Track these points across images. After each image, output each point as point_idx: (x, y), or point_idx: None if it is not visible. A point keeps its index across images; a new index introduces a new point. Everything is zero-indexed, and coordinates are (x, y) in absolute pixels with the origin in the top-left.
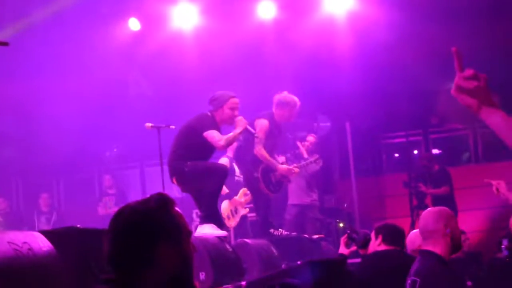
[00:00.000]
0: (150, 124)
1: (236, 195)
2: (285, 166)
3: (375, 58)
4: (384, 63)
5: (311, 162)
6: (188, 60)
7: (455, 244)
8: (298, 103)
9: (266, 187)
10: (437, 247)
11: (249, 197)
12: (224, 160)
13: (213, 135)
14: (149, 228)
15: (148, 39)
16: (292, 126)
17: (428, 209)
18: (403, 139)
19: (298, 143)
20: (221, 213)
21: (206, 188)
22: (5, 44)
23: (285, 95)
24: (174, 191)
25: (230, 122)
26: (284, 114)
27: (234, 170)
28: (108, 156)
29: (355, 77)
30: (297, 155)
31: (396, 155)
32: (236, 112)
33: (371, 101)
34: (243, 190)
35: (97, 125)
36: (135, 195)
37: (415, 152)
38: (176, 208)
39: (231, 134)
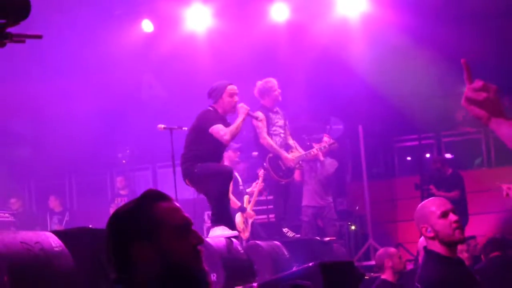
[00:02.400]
0: (162, 126)
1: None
2: (290, 156)
3: (388, 61)
4: (397, 66)
5: (329, 146)
6: (201, 62)
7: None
8: (275, 80)
9: (276, 174)
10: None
11: (252, 203)
12: None
13: (218, 130)
14: (122, 228)
15: (161, 40)
16: (305, 128)
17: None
18: (416, 142)
19: (314, 145)
20: (236, 226)
21: (213, 190)
22: (38, 37)
23: (261, 83)
24: (188, 192)
25: (233, 110)
26: (272, 97)
27: (237, 180)
28: (121, 157)
29: (368, 80)
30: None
31: (409, 158)
32: (236, 98)
33: (384, 104)
34: (246, 198)
35: (110, 127)
36: None
37: (428, 155)
38: (166, 203)
39: (233, 125)
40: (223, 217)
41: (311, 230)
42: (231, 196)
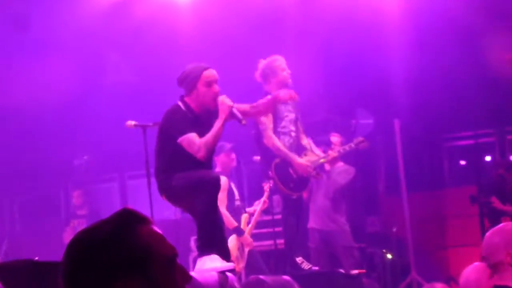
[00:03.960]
0: (133, 122)
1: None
2: (304, 161)
3: (435, 34)
4: (448, 40)
5: (356, 145)
6: (184, 36)
7: None
8: (282, 58)
9: (285, 186)
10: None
11: (253, 225)
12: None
13: (188, 143)
14: (102, 261)
15: (131, 8)
16: (318, 125)
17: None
18: (471, 141)
19: (333, 145)
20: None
21: (198, 206)
22: None
23: (265, 62)
24: (168, 211)
25: (213, 104)
26: (279, 80)
27: (232, 192)
28: (77, 165)
29: (408, 59)
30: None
31: (462, 162)
32: (215, 88)
33: (428, 91)
34: (245, 217)
35: (63, 124)
36: None
37: (487, 158)
38: (148, 228)
39: (209, 134)
40: (214, 242)
41: (321, 261)
42: (225, 213)
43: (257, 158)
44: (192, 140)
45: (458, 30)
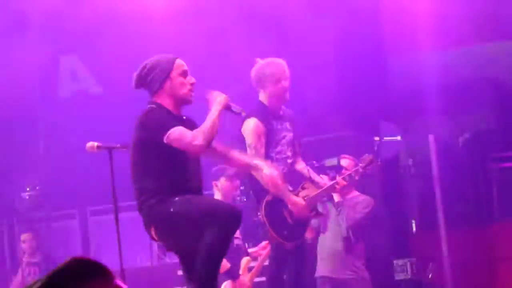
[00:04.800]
0: (95, 144)
1: (239, 269)
2: (299, 200)
3: (476, 33)
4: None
5: (364, 168)
6: (160, 32)
7: None
8: (283, 62)
9: (277, 232)
10: None
11: (256, 271)
12: None
13: (180, 134)
14: None
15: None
16: (328, 144)
17: None
18: None
19: (324, 177)
20: None
21: (204, 241)
22: None
23: (261, 64)
24: (145, 254)
25: (188, 98)
26: (277, 92)
27: None
28: (25, 199)
29: (444, 63)
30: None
31: None
32: (192, 79)
33: (470, 101)
34: (246, 260)
35: (6, 147)
36: None
37: None
38: (106, 283)
39: (206, 122)
40: None
41: None
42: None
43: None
44: (183, 131)
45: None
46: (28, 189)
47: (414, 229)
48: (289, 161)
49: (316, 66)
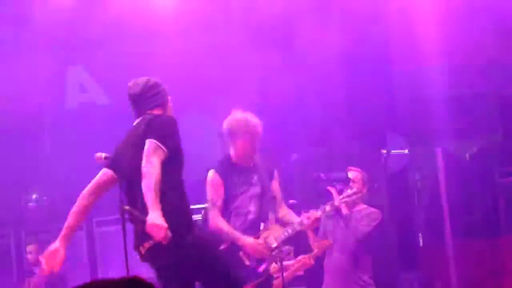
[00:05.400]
0: (103, 155)
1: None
2: (253, 241)
3: (485, 43)
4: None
5: (351, 196)
6: (169, 42)
7: None
8: (259, 123)
9: None
10: None
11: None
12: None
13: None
14: None
15: (100, 8)
16: (336, 158)
17: None
18: None
19: (332, 190)
20: None
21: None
22: None
23: (233, 116)
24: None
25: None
26: (242, 145)
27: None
28: (33, 210)
29: (451, 75)
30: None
31: None
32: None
33: (478, 113)
34: (274, 268)
35: (14, 156)
36: (79, 273)
37: None
38: None
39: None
40: None
41: None
42: (289, 213)
43: (292, 201)
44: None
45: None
46: (34, 198)
47: (421, 242)
48: (251, 216)
49: (323, 79)
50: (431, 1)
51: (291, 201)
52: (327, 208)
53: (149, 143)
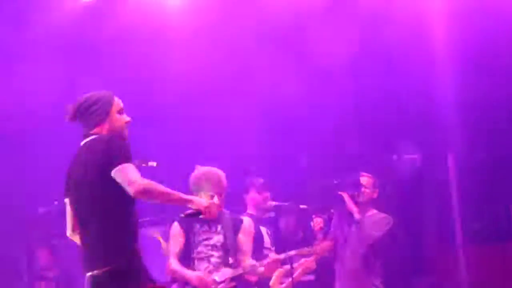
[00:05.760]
0: None
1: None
2: (198, 273)
3: (494, 49)
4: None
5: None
6: (180, 46)
7: None
8: (220, 176)
9: None
10: None
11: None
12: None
13: (133, 169)
14: None
15: (109, 16)
16: (346, 163)
17: None
18: None
19: (344, 195)
20: None
21: None
22: None
23: (194, 173)
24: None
25: (123, 135)
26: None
27: (261, 238)
28: (43, 214)
29: (462, 79)
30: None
31: None
32: (127, 117)
33: (489, 118)
34: (278, 273)
35: (26, 161)
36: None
37: None
38: None
39: (161, 185)
40: None
41: None
42: (249, 263)
43: (271, 203)
44: (135, 169)
45: None
46: (47, 203)
47: (432, 247)
48: (214, 260)
49: (334, 84)
50: (443, 5)
51: (301, 206)
52: (292, 252)
53: (122, 169)
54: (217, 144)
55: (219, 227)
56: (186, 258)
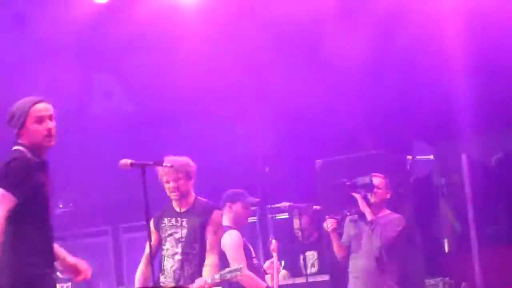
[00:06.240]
0: (129, 161)
1: None
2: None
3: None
4: None
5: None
6: (195, 48)
7: None
8: (185, 165)
9: None
10: None
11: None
12: (234, 234)
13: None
14: None
15: (124, 17)
16: (359, 163)
17: None
18: None
19: (357, 196)
20: None
21: None
22: None
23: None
24: None
25: (44, 144)
26: (168, 192)
27: (249, 249)
28: (60, 215)
29: (476, 80)
30: (355, 217)
31: None
32: (49, 124)
33: (503, 119)
34: (283, 274)
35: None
36: (106, 279)
37: None
38: None
39: None
40: None
41: None
42: (250, 274)
43: (285, 204)
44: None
45: None
46: (61, 206)
47: (446, 248)
48: (178, 257)
49: (348, 85)
50: (458, 7)
51: (315, 207)
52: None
53: None
54: (232, 144)
55: (185, 221)
56: (158, 256)
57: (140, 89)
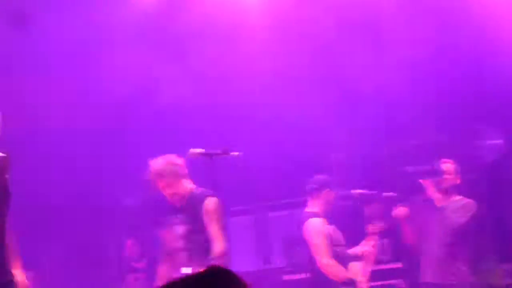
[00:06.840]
0: (197, 150)
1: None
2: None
3: None
4: None
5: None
6: (257, 38)
7: None
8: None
9: None
10: None
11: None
12: (316, 222)
13: None
14: None
15: (187, 6)
16: (422, 150)
17: None
18: None
19: (425, 182)
20: None
21: None
22: None
23: (153, 163)
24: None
25: None
26: (162, 190)
27: (335, 237)
28: (130, 205)
29: None
30: (425, 202)
31: None
32: None
33: None
34: (358, 265)
35: (107, 154)
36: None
37: None
38: None
39: None
40: None
41: None
42: (330, 263)
43: (356, 191)
44: None
45: None
46: (133, 196)
47: None
48: (184, 253)
49: (413, 71)
50: None
51: (386, 194)
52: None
53: None
54: (297, 131)
55: (184, 215)
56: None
57: (207, 78)
